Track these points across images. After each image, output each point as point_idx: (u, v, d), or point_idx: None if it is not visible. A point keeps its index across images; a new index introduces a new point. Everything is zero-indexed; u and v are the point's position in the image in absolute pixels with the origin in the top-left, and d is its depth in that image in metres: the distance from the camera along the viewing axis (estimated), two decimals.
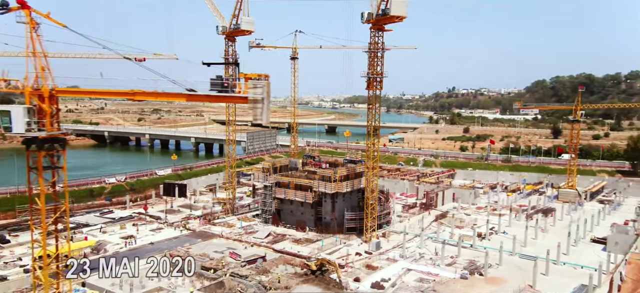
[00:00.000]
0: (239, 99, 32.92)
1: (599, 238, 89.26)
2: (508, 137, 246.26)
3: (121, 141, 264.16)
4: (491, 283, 68.52)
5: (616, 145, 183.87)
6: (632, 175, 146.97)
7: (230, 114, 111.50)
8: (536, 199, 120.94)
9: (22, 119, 33.26)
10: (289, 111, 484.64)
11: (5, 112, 33.38)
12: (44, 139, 34.86)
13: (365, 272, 72.68)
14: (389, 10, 77.20)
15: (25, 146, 35.87)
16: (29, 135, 33.86)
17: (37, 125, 34.12)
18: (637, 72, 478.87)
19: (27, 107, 33.62)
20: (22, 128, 33.46)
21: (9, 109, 33.31)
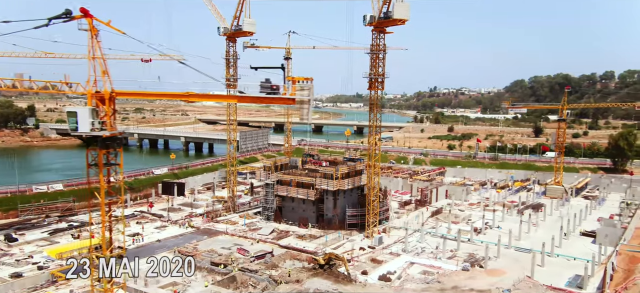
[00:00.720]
0: (286, 100, 35.44)
1: (588, 232, 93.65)
2: (492, 135, 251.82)
3: None
4: (491, 275, 71.97)
5: (596, 143, 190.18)
6: (613, 172, 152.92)
7: (231, 113, 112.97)
8: (525, 195, 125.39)
9: (87, 120, 35.28)
10: (273, 111, 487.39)
11: (73, 113, 35.35)
12: (104, 138, 36.86)
13: (371, 265, 75.59)
14: (391, 14, 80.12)
15: (86, 145, 37.74)
16: (94, 135, 35.87)
17: (101, 125, 36.14)
18: (612, 73, 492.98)
19: (92, 108, 35.63)
20: (87, 127, 35.49)
21: (75, 110, 35.28)
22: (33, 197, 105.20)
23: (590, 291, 66.46)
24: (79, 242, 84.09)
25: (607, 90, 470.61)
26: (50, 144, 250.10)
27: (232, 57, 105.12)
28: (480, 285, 67.57)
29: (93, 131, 35.91)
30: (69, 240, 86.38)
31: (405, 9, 79.79)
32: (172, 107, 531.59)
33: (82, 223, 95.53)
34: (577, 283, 68.65)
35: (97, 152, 38.69)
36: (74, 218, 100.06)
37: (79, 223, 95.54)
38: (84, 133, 36.28)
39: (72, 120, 35.87)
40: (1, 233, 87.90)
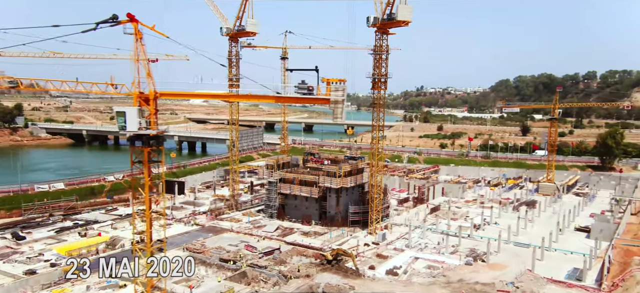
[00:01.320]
0: (321, 100, 37.30)
1: (582, 227, 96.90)
2: (480, 134, 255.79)
3: (100, 140, 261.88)
4: (493, 269, 74.54)
5: (584, 141, 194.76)
6: (601, 169, 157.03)
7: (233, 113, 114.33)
8: (518, 193, 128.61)
9: (135, 119, 36.79)
10: (262, 110, 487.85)
11: (121, 113, 36.85)
12: (148, 136, 38.39)
13: (377, 261, 77.77)
14: (395, 16, 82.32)
15: (130, 143, 39.34)
16: (141, 133, 37.40)
17: (147, 124, 37.67)
18: (594, 73, 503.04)
19: (139, 108, 37.14)
20: (135, 126, 37.01)
21: (124, 110, 36.78)
22: (35, 196, 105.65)
23: (588, 283, 69.12)
24: (87, 240, 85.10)
25: (590, 90, 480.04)
26: (40, 143, 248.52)
27: (234, 57, 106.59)
28: (484, 278, 70.03)
29: (140, 130, 37.44)
30: (76, 238, 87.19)
31: (408, 11, 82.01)
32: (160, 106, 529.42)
33: (87, 221, 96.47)
34: (576, 275, 71.43)
35: (142, 150, 40.16)
36: (78, 217, 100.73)
37: (84, 222, 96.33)
38: (131, 132, 37.74)
39: (121, 120, 37.40)
40: (8, 231, 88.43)
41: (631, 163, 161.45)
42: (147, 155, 40.39)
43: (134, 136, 38.13)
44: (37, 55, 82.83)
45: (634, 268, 68.13)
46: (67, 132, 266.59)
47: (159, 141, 39.70)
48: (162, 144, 41.22)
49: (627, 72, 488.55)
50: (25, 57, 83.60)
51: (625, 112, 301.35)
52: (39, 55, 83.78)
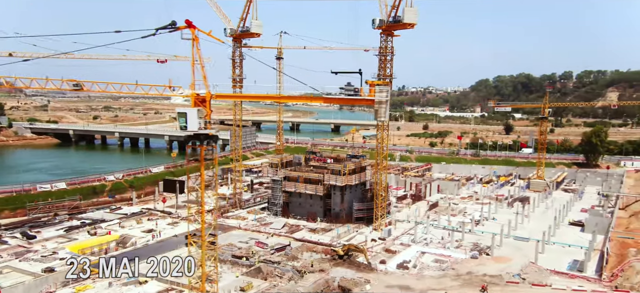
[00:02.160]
0: (366, 101, 39.61)
1: (576, 222, 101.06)
2: (465, 133, 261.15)
3: (87, 140, 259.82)
4: (499, 262, 77.80)
5: (568, 139, 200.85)
6: (586, 166, 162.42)
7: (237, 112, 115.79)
8: (511, 189, 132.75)
9: (195, 119, 38.55)
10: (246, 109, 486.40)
11: (183, 114, 38.57)
12: (204, 135, 40.17)
13: (386, 255, 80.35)
14: (401, 18, 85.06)
15: (185, 142, 41.02)
16: (201, 133, 39.18)
17: (205, 124, 39.44)
18: (570, 73, 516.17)
19: (199, 109, 38.86)
20: (195, 126, 38.78)
21: (185, 111, 38.50)
22: (37, 196, 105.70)
23: (589, 274, 72.72)
24: (98, 238, 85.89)
25: (566, 89, 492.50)
26: (26, 143, 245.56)
27: (237, 57, 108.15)
28: (491, 270, 73.19)
29: (200, 129, 39.24)
30: (85, 237, 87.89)
31: (414, 14, 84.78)
32: (139, 105, 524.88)
33: (94, 221, 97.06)
34: (577, 267, 75.07)
35: (198, 148, 41.88)
36: (85, 216, 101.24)
37: (90, 221, 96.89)
38: (192, 131, 39.48)
39: (182, 120, 39.16)
40: (17, 231, 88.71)
41: (614, 160, 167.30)
42: (203, 153, 42.09)
43: (189, 136, 39.83)
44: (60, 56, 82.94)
45: (632, 259, 72.01)
46: (53, 131, 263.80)
47: (212, 140, 41.47)
48: (215, 142, 42.91)
49: (602, 72, 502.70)
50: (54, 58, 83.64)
51: (612, 110, 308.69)
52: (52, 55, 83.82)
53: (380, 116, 39.96)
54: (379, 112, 39.80)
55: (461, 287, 67.11)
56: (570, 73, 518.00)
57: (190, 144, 41.01)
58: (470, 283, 68.57)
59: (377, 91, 39.44)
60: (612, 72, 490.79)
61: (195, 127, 39.14)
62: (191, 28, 36.87)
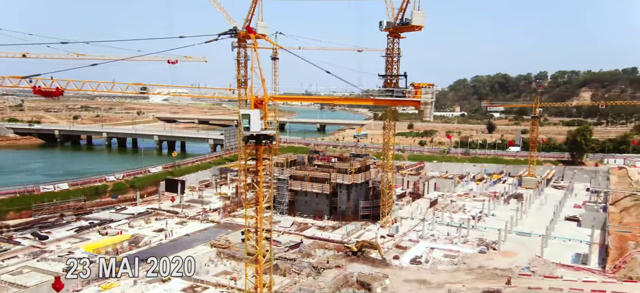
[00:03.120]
0: (412, 102, 41.69)
1: (571, 217, 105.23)
2: (450, 132, 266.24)
3: (72, 140, 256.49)
4: (506, 256, 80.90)
5: (553, 138, 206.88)
6: (571, 164, 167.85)
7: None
8: (505, 186, 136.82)
9: (258, 121, 40.08)
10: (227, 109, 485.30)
11: (246, 115, 40.03)
12: (261, 135, 41.76)
13: (397, 251, 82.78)
14: (409, 21, 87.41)
15: (244, 142, 42.60)
16: (263, 133, 40.74)
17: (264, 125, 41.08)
18: (545, 73, 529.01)
19: (260, 111, 40.38)
20: (258, 127, 40.30)
21: (249, 113, 39.94)
22: (41, 196, 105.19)
23: (592, 266, 76.36)
24: (111, 238, 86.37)
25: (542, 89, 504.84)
26: (9, 144, 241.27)
27: (242, 58, 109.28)
28: (500, 264, 76.20)
29: (262, 130, 40.83)
30: (97, 237, 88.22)
31: (422, 17, 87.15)
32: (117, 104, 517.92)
33: (103, 221, 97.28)
34: (580, 260, 78.72)
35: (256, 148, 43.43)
36: (92, 216, 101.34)
37: (99, 221, 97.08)
38: (254, 132, 40.97)
39: (245, 121, 40.62)
40: (27, 232, 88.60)
41: (597, 157, 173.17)
42: (261, 153, 43.67)
43: (248, 136, 41.38)
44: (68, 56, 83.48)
45: (633, 252, 75.83)
46: (38, 132, 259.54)
47: (270, 140, 43.12)
48: (272, 142, 44.50)
49: (575, 73, 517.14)
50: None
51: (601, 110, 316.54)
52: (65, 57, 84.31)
53: (426, 116, 42.07)
54: (425, 112, 41.93)
55: (475, 280, 69.86)
56: (545, 73, 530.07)
57: (247, 143, 42.49)
58: (483, 276, 71.44)
59: (423, 93, 41.61)
60: (585, 73, 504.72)
61: (258, 128, 40.71)
62: (251, 34, 38.44)
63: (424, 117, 42.76)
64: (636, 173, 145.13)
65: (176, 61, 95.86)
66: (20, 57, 79.25)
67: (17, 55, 78.61)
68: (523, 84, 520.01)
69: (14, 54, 77.84)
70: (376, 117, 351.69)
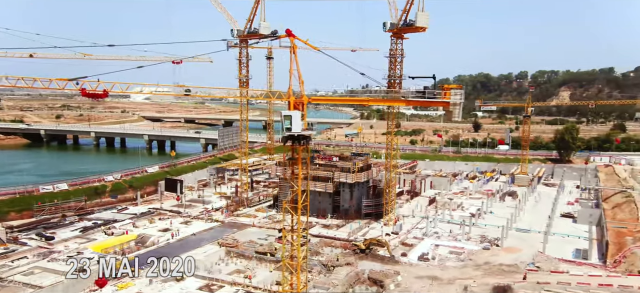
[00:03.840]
0: (442, 103, 43.11)
1: (566, 213, 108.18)
2: (438, 131, 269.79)
3: (58, 140, 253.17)
4: (510, 252, 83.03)
5: (540, 137, 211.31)
6: (559, 162, 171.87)
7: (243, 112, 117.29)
8: (499, 184, 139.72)
9: (299, 122, 40.98)
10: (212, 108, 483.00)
11: (288, 116, 40.88)
12: (299, 136, 42.74)
13: (404, 249, 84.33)
14: (414, 22, 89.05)
15: (283, 142, 43.48)
16: (305, 134, 41.69)
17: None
18: (526, 72, 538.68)
19: (300, 112, 41.28)
20: (299, 128, 41.20)
21: (291, 114, 40.79)
22: (41, 197, 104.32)
23: (593, 261, 78.97)
24: (118, 238, 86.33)
25: (522, 88, 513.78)
26: None
27: (244, 58, 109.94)
28: (505, 260, 78.31)
29: (303, 130, 41.79)
30: (102, 237, 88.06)
31: (426, 18, 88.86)
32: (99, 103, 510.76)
33: (107, 221, 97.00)
34: (581, 255, 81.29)
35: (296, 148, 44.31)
36: (93, 216, 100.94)
37: (102, 221, 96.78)
38: (296, 132, 41.88)
39: (287, 122, 41.51)
40: (31, 233, 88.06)
41: (583, 155, 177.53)
42: (301, 153, 44.62)
43: (287, 136, 42.37)
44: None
45: (632, 247, 78.56)
46: (23, 131, 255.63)
47: (307, 141, 44.10)
48: (308, 143, 45.40)
49: (554, 72, 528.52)
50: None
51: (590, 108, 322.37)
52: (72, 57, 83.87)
53: (455, 117, 43.59)
54: (454, 113, 43.41)
55: (484, 276, 71.74)
56: (525, 73, 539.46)
57: (287, 143, 43.52)
58: (491, 272, 73.40)
59: (452, 94, 43.13)
60: (564, 72, 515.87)
61: (299, 129, 41.67)
62: (290, 37, 39.37)
63: (452, 118, 44.25)
64: (622, 170, 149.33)
65: (181, 61, 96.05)
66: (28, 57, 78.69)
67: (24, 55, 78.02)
68: (504, 83, 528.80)
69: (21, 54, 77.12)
70: (362, 117, 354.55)
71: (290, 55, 40.37)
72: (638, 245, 79.14)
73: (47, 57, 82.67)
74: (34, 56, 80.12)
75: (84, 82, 38.33)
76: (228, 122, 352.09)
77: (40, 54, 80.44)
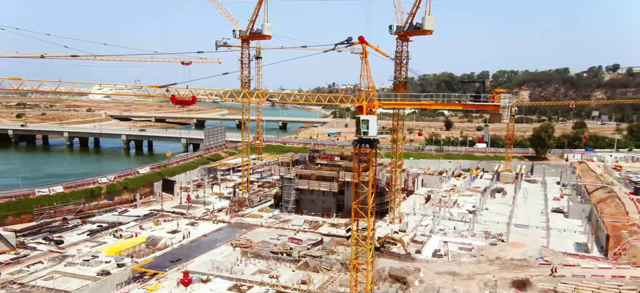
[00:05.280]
0: (492, 106, 45.18)
1: (556, 209, 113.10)
2: (412, 130, 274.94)
3: (27, 140, 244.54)
4: (516, 247, 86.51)
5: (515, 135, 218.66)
6: (536, 159, 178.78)
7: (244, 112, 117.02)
8: (486, 182, 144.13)
9: (375, 126, 42.12)
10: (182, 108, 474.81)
11: (366, 121, 41.85)
12: (365, 139, 43.88)
13: (416, 246, 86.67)
14: (421, 25, 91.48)
15: (354, 146, 44.43)
16: (378, 137, 42.89)
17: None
18: (487, 72, 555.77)
19: (376, 117, 42.39)
20: (375, 132, 42.29)
21: (368, 118, 41.77)
22: (39, 200, 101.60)
23: (595, 254, 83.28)
24: (130, 241, 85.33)
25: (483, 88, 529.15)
26: None
27: (246, 58, 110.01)
28: (514, 255, 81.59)
29: (378, 134, 42.94)
30: (112, 240, 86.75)
31: (433, 22, 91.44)
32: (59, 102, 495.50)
33: (112, 223, 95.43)
34: (583, 249, 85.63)
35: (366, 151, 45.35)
36: (96, 219, 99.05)
37: (108, 224, 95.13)
38: (372, 136, 42.98)
39: (365, 126, 42.51)
40: (38, 237, 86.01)
41: (557, 153, 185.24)
42: (372, 155, 45.75)
43: (362, 140, 43.53)
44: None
45: (630, 240, 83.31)
46: None
47: (374, 144, 45.36)
48: (374, 146, 46.52)
49: (514, 72, 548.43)
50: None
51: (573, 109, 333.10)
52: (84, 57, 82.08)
53: (503, 119, 45.86)
54: (503, 115, 45.65)
55: (500, 271, 74.73)
56: (487, 72, 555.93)
57: (357, 146, 44.72)
58: (505, 267, 76.45)
59: (502, 98, 45.41)
60: (523, 72, 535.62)
61: (375, 132, 42.91)
62: (363, 43, 40.53)
63: (501, 120, 46.59)
64: (596, 167, 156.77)
65: (190, 62, 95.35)
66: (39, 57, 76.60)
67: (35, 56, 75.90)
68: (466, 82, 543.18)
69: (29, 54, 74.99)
70: (335, 115, 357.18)
71: (362, 60, 41.57)
72: (635, 238, 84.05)
73: (59, 57, 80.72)
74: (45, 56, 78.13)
75: (176, 89, 38.56)
76: (201, 121, 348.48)
77: (52, 54, 78.49)
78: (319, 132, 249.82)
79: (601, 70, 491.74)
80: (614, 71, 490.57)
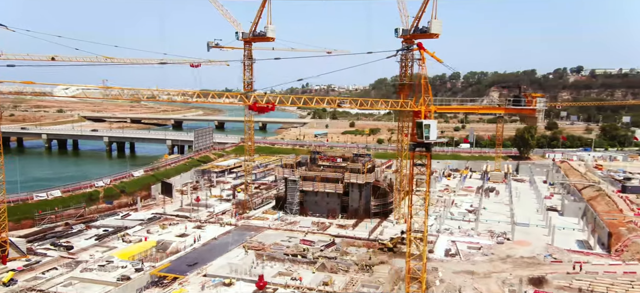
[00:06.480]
0: (528, 110, 46.79)
1: (550, 207, 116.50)
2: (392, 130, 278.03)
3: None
4: (523, 245, 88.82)
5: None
6: (519, 159, 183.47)
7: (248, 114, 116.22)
8: (475, 181, 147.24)
9: (435, 130, 42.89)
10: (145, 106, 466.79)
11: (428, 125, 42.56)
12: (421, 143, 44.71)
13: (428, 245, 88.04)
14: (428, 29, 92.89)
15: (411, 149, 45.07)
16: (441, 141, 43.64)
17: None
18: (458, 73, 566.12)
19: (436, 121, 43.13)
20: (435, 136, 43.07)
21: (429, 123, 42.48)
22: (37, 205, 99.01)
23: (598, 251, 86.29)
24: (141, 244, 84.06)
25: (456, 88, 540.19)
26: None
27: (247, 58, 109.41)
28: (523, 253, 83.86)
29: (439, 138, 43.76)
30: (122, 244, 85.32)
31: (440, 25, 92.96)
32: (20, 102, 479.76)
33: (118, 228, 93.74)
34: (586, 246, 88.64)
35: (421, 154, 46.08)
36: (99, 223, 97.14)
37: (113, 228, 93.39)
38: (433, 140, 43.74)
39: (426, 131, 43.26)
40: (45, 242, 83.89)
41: (539, 153, 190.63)
42: (429, 159, 46.49)
43: (422, 143, 44.33)
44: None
45: (631, 237, 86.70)
46: None
47: (430, 147, 46.29)
48: (429, 150, 47.27)
49: (484, 73, 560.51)
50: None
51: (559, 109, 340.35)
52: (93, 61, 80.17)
53: (538, 122, 47.64)
54: (538, 118, 47.46)
55: (514, 269, 76.73)
56: (458, 73, 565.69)
57: (414, 150, 45.54)
58: (518, 265, 78.55)
59: (538, 102, 47.18)
60: (492, 74, 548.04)
61: (435, 137, 43.79)
62: (421, 50, 41.40)
63: (536, 123, 48.55)
64: (578, 166, 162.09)
65: (199, 64, 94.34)
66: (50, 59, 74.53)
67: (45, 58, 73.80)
68: (439, 83, 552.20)
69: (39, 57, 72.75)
70: (314, 116, 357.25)
71: (420, 66, 42.55)
72: (635, 235, 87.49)
73: (71, 60, 78.72)
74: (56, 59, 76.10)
75: (254, 95, 38.89)
76: (178, 122, 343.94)
77: (63, 57, 76.45)
78: (304, 132, 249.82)
79: (566, 72, 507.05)
80: (578, 73, 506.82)
